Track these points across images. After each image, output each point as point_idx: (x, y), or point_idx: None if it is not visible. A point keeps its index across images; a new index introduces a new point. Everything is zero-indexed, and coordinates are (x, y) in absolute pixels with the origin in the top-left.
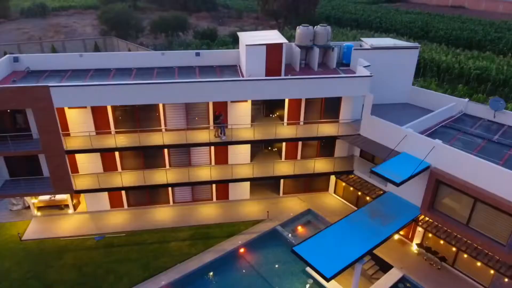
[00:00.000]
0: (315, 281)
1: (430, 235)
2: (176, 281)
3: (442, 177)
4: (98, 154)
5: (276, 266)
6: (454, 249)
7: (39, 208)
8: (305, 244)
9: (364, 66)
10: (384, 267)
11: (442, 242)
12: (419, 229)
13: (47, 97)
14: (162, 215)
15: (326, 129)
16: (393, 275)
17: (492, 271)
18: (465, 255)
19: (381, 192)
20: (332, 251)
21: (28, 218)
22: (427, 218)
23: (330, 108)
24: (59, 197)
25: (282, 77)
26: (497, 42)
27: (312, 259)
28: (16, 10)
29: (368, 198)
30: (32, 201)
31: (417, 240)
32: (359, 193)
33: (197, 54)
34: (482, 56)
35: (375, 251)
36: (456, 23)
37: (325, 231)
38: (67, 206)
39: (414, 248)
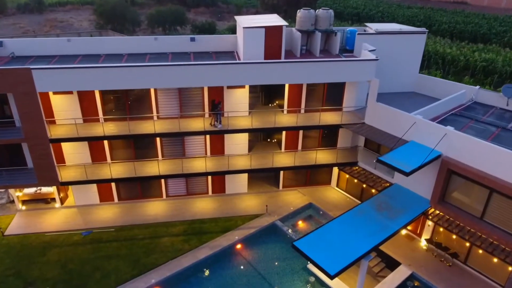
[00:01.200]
0: (317, 279)
1: (440, 229)
2: (167, 279)
3: (454, 166)
4: (86, 144)
5: (276, 263)
6: (467, 244)
7: (24, 202)
8: (307, 239)
9: (369, 50)
10: (391, 264)
11: (454, 237)
12: (429, 223)
13: (29, 81)
14: (155, 209)
15: (329, 117)
16: (401, 272)
17: (510, 268)
18: (480, 251)
19: (388, 185)
20: (336, 247)
21: (12, 212)
22: (437, 212)
23: (332, 95)
24: (45, 190)
25: (282, 60)
26: (503, 36)
27: (315, 255)
28: (13, 6)
29: (373, 190)
30: (17, 194)
31: (426, 235)
32: (364, 185)
33: (192, 39)
34: (488, 48)
35: (381, 247)
36: (460, 17)
37: (328, 225)
38: (53, 199)
39: (423, 244)
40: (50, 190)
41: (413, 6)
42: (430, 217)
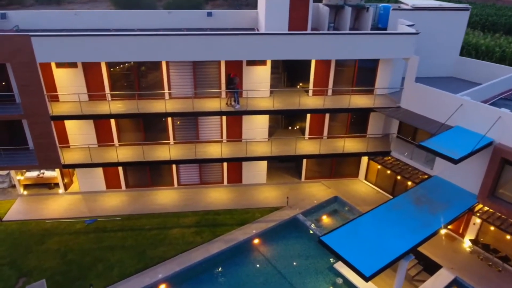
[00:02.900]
0: (346, 281)
1: (489, 229)
2: (176, 275)
3: (509, 155)
4: (91, 125)
5: (297, 261)
6: None
7: (25, 187)
8: (336, 234)
9: (408, 25)
10: (430, 267)
11: (508, 237)
12: (474, 221)
13: (28, 50)
14: (165, 198)
15: (359, 100)
16: (443, 276)
17: None
18: None
19: (426, 177)
20: (370, 244)
21: (13, 197)
22: (486, 208)
23: (364, 76)
24: (48, 174)
25: (309, 31)
26: None
27: (346, 252)
28: None
29: (409, 183)
30: (18, 177)
31: (470, 235)
32: (398, 177)
33: (209, 14)
34: None
35: (418, 248)
36: (491, 10)
37: (359, 219)
38: (57, 185)
39: (466, 245)
40: (54, 174)
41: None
42: (478, 214)
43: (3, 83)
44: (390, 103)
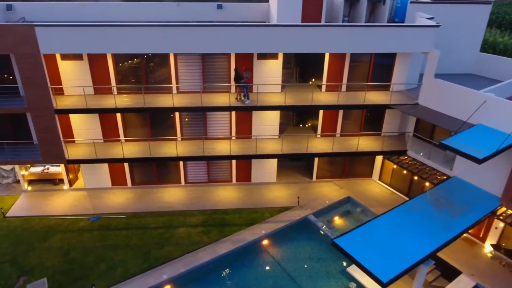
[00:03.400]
0: (360, 286)
1: None
2: (181, 276)
3: None
4: (97, 120)
5: (308, 263)
6: None
7: (30, 182)
8: (350, 237)
9: (427, 18)
10: (448, 272)
11: None
12: (497, 225)
13: (32, 40)
14: (171, 196)
15: (374, 97)
16: (463, 283)
17: None
18: None
19: (445, 178)
20: (387, 248)
21: (18, 193)
22: (510, 211)
23: (380, 71)
24: (53, 170)
25: (323, 23)
26: None
27: (361, 256)
28: None
29: (427, 184)
30: (22, 173)
31: (491, 240)
32: (415, 177)
33: (219, 7)
34: None
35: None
36: (509, 8)
37: (375, 221)
38: (62, 181)
39: (487, 250)
40: (59, 170)
41: None
42: (502, 217)
43: (8, 75)
44: (407, 100)
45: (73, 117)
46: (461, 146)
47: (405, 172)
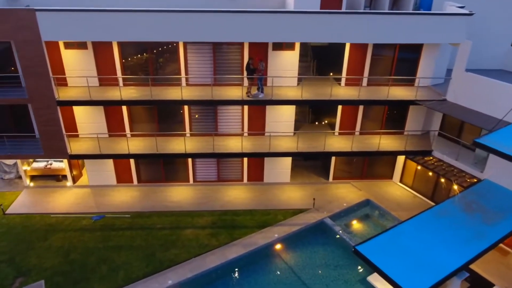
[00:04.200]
0: None
1: None
2: (188, 281)
3: None
4: (101, 113)
5: (324, 271)
6: None
7: (32, 178)
8: (374, 243)
9: (458, 7)
10: (479, 284)
11: None
12: None
13: (32, 26)
14: (179, 195)
15: (398, 92)
16: None
17: None
18: None
19: (475, 181)
20: (415, 257)
21: (20, 189)
22: None
23: (404, 65)
24: (56, 165)
25: (344, 10)
26: None
27: (387, 266)
28: None
29: (455, 187)
30: (24, 168)
31: None
32: (442, 180)
33: None
34: None
35: None
36: None
37: (401, 226)
38: (65, 177)
39: None
40: (62, 165)
41: None
42: None
43: (9, 64)
44: (434, 96)
45: (76, 110)
46: (498, 145)
47: (430, 174)
